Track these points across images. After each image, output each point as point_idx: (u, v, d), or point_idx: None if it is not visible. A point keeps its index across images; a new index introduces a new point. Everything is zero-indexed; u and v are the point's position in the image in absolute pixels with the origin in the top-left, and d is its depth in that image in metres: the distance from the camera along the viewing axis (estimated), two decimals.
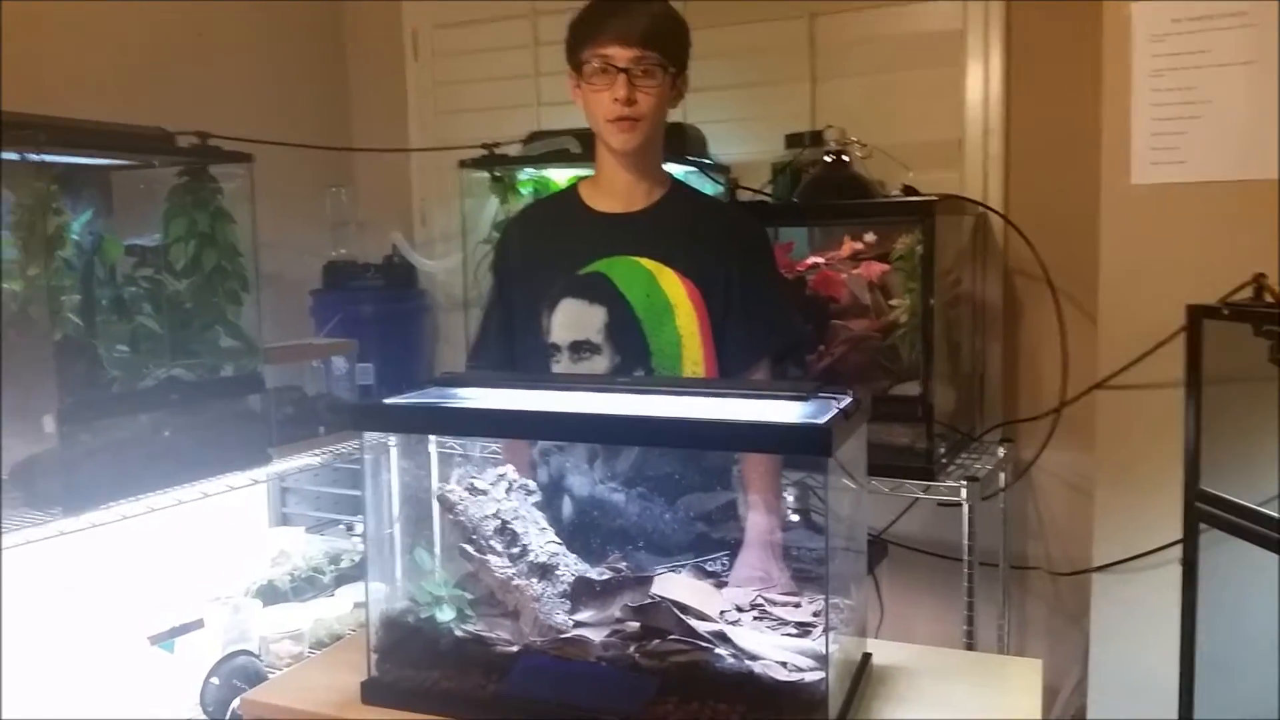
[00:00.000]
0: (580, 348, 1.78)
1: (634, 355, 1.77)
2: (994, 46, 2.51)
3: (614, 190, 1.83)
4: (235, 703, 1.87)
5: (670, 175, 1.90)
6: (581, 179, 1.93)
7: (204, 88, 2.74)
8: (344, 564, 2.46)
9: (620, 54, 1.70)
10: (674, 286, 1.78)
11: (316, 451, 2.36)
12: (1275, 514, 1.40)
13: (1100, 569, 2.07)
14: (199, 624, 2.04)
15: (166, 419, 1.99)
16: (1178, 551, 1.63)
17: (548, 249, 1.85)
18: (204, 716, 1.91)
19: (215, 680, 1.93)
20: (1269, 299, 1.50)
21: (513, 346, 1.87)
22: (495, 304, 1.92)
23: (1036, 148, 2.50)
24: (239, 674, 1.96)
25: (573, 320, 1.78)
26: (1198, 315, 1.56)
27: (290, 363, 2.53)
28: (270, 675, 1.97)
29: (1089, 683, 2.11)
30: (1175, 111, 1.92)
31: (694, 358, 1.78)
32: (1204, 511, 1.54)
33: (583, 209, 1.85)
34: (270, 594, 2.29)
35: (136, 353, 1.95)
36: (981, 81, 2.53)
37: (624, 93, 1.70)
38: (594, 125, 1.78)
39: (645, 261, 1.78)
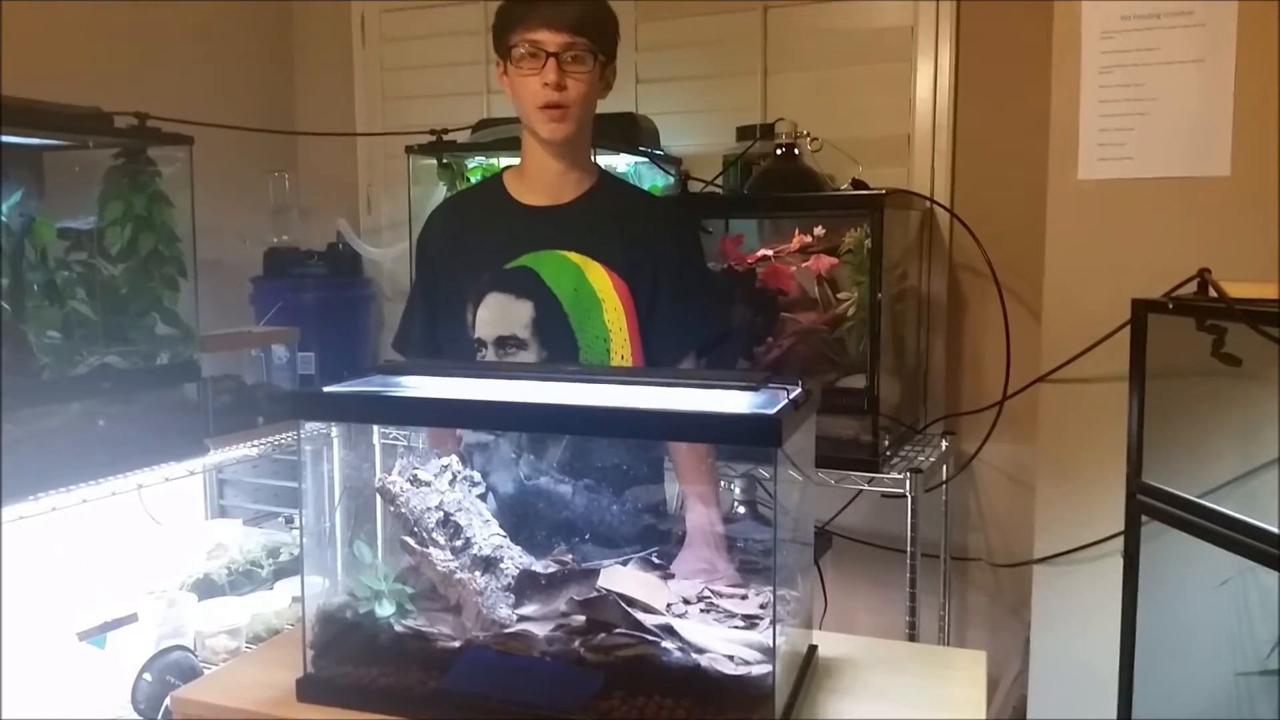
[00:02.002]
0: (506, 343, 1.76)
1: (561, 350, 1.75)
2: (944, 43, 2.53)
3: (541, 182, 1.81)
4: (168, 700, 1.83)
5: (598, 166, 1.88)
6: (506, 169, 1.90)
7: (144, 68, 2.67)
8: (282, 557, 2.42)
9: (550, 39, 1.68)
10: (601, 281, 1.76)
11: (255, 442, 2.31)
12: (1215, 507, 1.42)
13: (1041, 561, 2.09)
14: (132, 618, 1.98)
15: (99, 408, 1.94)
16: (1118, 544, 1.65)
17: (473, 242, 1.82)
18: (135, 714, 1.86)
19: (148, 676, 1.88)
20: (1213, 294, 1.52)
21: (438, 340, 1.85)
22: (419, 296, 1.90)
23: (984, 144, 2.52)
24: (173, 670, 1.91)
25: (499, 315, 1.76)
26: (1142, 310, 1.57)
27: (229, 351, 2.47)
28: (206, 671, 1.92)
29: (1030, 674, 2.13)
30: (1123, 108, 1.94)
31: (621, 352, 1.77)
32: (1145, 504, 1.55)
33: (509, 201, 1.82)
34: (206, 588, 2.25)
35: (68, 339, 1.89)
36: (931, 77, 2.55)
37: (554, 77, 1.68)
38: (522, 113, 1.76)
39: (573, 255, 1.76)
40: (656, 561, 1.46)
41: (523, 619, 1.29)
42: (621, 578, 1.33)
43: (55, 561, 2.04)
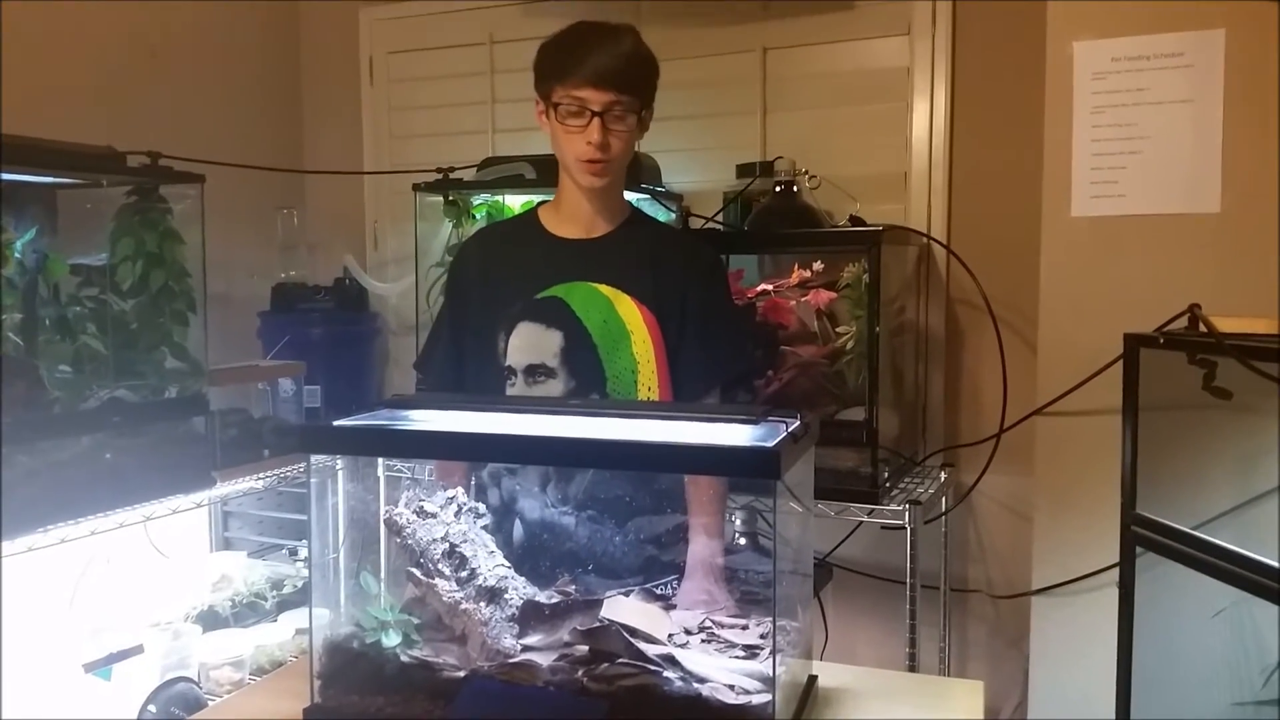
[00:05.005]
0: (536, 371, 1.78)
1: (589, 380, 1.77)
2: (939, 83, 2.57)
3: (576, 218, 1.84)
4: None
5: (629, 202, 1.92)
6: (542, 204, 1.93)
7: (156, 107, 2.72)
8: (287, 589, 2.43)
9: (594, 97, 1.69)
10: (631, 313, 1.79)
11: (261, 475, 2.33)
12: (1209, 538, 1.44)
13: (1039, 592, 2.10)
14: (138, 650, 1.99)
15: (108, 441, 1.96)
16: (1115, 575, 1.66)
17: (506, 271, 1.85)
18: None
19: (153, 708, 1.90)
20: (1203, 329, 1.54)
21: (462, 366, 1.87)
22: (446, 322, 1.92)
23: (979, 181, 2.56)
24: (178, 701, 1.92)
25: (529, 344, 1.78)
26: (1135, 344, 1.60)
27: (236, 385, 2.50)
28: (210, 702, 1.93)
29: (1028, 704, 2.14)
30: (1115, 147, 1.98)
31: (649, 384, 1.79)
32: (1140, 535, 1.57)
33: (543, 234, 1.85)
34: (211, 619, 2.26)
35: (79, 373, 1.91)
36: (927, 116, 2.59)
37: (598, 137, 1.70)
38: (562, 160, 1.79)
39: (603, 288, 1.79)
40: (658, 592, 1.48)
41: (527, 649, 1.31)
42: (623, 608, 1.35)
43: (63, 592, 2.06)
